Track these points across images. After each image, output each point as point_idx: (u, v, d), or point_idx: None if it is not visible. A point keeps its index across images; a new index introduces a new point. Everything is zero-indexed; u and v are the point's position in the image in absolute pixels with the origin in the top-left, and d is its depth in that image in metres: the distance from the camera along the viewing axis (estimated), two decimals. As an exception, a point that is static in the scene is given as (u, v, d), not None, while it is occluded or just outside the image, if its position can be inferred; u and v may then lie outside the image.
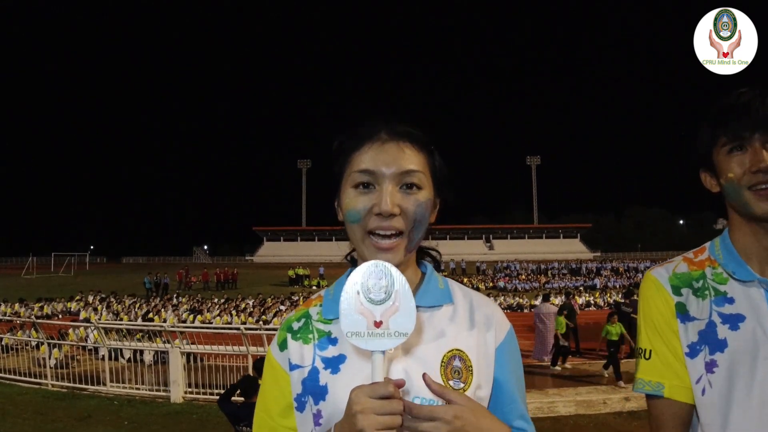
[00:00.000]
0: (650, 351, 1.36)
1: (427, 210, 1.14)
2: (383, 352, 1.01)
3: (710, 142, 1.33)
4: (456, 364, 1.11)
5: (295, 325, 1.22)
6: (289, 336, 1.20)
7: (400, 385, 0.98)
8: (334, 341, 1.16)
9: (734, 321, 1.27)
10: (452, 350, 1.12)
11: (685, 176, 1.42)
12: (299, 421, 1.14)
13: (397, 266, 1.09)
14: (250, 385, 5.59)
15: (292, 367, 1.16)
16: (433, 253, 1.32)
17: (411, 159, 1.14)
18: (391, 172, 1.12)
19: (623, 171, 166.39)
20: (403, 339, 1.00)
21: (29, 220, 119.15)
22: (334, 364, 1.13)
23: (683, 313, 1.33)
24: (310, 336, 1.18)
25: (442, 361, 1.10)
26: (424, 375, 1.02)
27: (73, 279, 41.43)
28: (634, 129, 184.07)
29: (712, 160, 1.34)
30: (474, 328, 1.17)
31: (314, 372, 1.13)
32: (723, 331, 1.27)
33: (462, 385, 1.10)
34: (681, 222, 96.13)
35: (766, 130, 1.24)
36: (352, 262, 1.27)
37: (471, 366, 1.12)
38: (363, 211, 1.11)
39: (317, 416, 1.11)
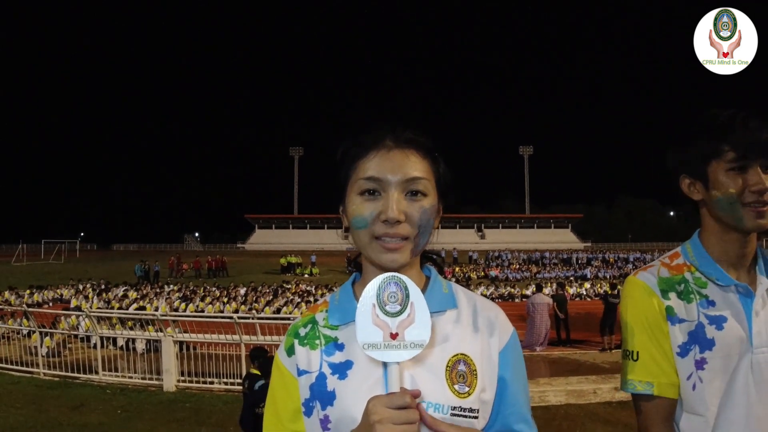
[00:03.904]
0: (637, 353, 1.47)
1: (431, 216, 1.15)
2: (398, 363, 1.03)
3: (708, 156, 1.42)
4: (461, 369, 1.12)
5: (302, 331, 1.23)
6: (296, 342, 1.21)
7: (415, 395, 1.01)
8: (340, 347, 1.17)
9: (719, 322, 1.41)
10: (457, 355, 1.14)
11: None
12: (307, 426, 1.16)
13: (403, 268, 1.12)
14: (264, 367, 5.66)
15: (300, 372, 1.18)
16: (437, 258, 1.34)
17: (416, 166, 1.15)
18: (396, 180, 1.12)
19: (614, 161, 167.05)
20: (419, 350, 1.03)
21: (19, 207, 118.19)
22: (342, 369, 1.14)
23: (672, 316, 1.45)
24: (317, 342, 1.20)
25: (447, 366, 1.12)
26: (418, 405, 1.04)
27: (63, 266, 41.18)
28: (626, 120, 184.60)
29: (706, 172, 1.43)
30: (478, 332, 1.18)
31: (322, 377, 1.15)
32: (711, 331, 1.41)
33: (467, 389, 1.11)
34: (671, 213, 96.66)
35: (766, 156, 1.37)
36: (356, 267, 1.29)
37: (475, 370, 1.14)
38: (369, 218, 1.12)
39: (325, 421, 1.12)
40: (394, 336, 1.02)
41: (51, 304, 22.31)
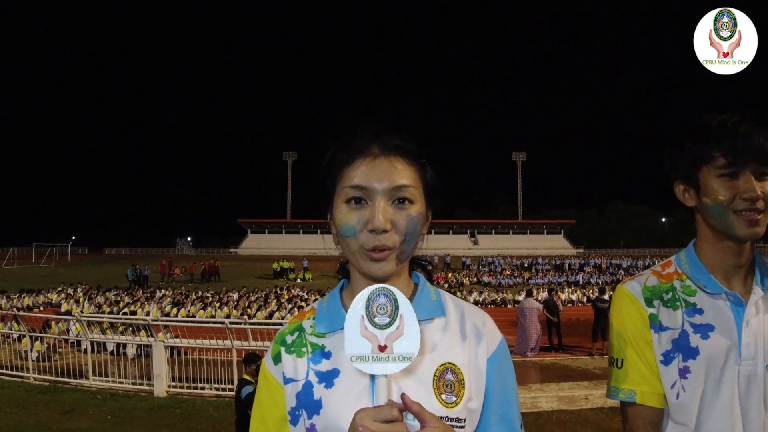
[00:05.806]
0: (622, 360, 1.46)
1: (418, 224, 1.14)
2: (386, 375, 1.01)
3: (699, 161, 1.38)
4: (448, 378, 1.11)
5: (289, 339, 1.21)
6: (282, 349, 1.20)
7: (402, 408, 0.99)
8: (327, 355, 1.15)
9: (705, 330, 1.38)
10: (444, 364, 1.12)
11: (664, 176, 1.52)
12: None
13: (389, 276, 1.11)
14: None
15: (286, 380, 1.16)
16: (425, 264, 1.31)
17: (402, 174, 1.13)
18: (383, 188, 1.11)
19: (607, 168, 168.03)
20: (407, 363, 1.01)
21: (10, 210, 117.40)
22: (328, 378, 1.12)
23: (656, 324, 1.43)
24: (304, 349, 1.17)
25: (435, 375, 1.10)
26: (402, 395, 1.01)
27: (54, 270, 40.89)
28: (618, 126, 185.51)
29: (698, 177, 1.39)
30: (465, 340, 1.17)
31: (308, 386, 1.13)
32: (695, 339, 1.38)
33: (454, 398, 1.10)
34: (663, 220, 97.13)
35: (759, 162, 1.31)
36: (344, 274, 1.27)
37: (463, 379, 1.12)
38: (357, 226, 1.11)
39: (311, 430, 1.10)
40: (382, 348, 1.01)
41: (42, 308, 22.13)
